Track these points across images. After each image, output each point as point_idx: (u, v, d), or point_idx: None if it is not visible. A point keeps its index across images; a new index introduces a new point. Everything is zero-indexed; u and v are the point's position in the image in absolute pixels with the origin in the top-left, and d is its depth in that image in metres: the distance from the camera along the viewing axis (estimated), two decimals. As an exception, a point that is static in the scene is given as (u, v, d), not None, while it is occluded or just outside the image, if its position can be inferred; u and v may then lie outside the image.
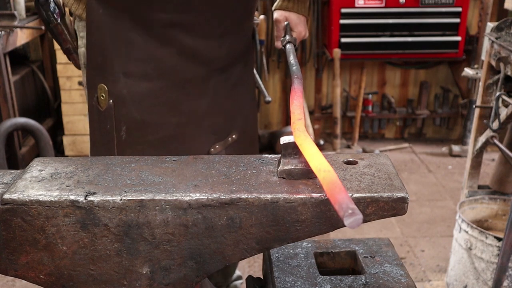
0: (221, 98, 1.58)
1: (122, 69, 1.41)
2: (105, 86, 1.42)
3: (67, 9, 1.53)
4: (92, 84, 1.46)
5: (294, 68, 1.36)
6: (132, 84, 1.42)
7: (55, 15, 1.51)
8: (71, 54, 1.57)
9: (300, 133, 0.87)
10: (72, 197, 0.83)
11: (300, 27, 1.72)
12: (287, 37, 1.65)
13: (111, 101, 1.42)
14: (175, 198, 0.83)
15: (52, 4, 1.49)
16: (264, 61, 4.01)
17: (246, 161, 0.95)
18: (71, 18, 1.54)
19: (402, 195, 0.84)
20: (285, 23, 1.69)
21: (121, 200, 0.83)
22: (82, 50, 1.52)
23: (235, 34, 1.55)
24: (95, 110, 1.46)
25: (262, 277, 1.19)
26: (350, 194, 0.83)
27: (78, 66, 1.59)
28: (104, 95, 1.43)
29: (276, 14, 1.73)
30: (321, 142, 4.33)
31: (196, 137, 1.54)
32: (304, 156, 0.83)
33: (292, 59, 1.45)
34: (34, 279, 0.88)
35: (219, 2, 1.42)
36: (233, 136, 1.65)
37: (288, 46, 1.61)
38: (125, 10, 1.38)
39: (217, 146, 1.60)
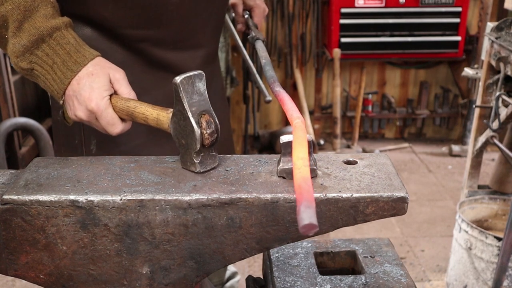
0: None
1: None
2: None
3: None
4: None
5: (269, 70, 1.21)
6: None
7: None
8: None
9: (299, 131, 0.85)
10: (72, 197, 0.83)
11: (259, 1, 1.68)
12: (253, 33, 1.56)
13: None
14: (175, 198, 0.83)
15: None
16: (264, 61, 4.01)
17: (245, 161, 0.95)
18: None
19: (402, 195, 0.84)
20: (246, 16, 1.64)
21: (121, 200, 0.83)
22: None
23: (208, 45, 1.51)
24: (61, 126, 1.39)
25: (262, 277, 1.19)
26: (350, 194, 0.84)
27: None
28: None
29: None
30: (321, 142, 4.33)
31: (164, 144, 1.51)
32: (292, 152, 0.80)
33: (264, 59, 1.32)
34: (34, 279, 0.88)
35: (190, 18, 1.38)
36: None
37: (258, 43, 1.50)
38: (91, 23, 1.34)
39: None
